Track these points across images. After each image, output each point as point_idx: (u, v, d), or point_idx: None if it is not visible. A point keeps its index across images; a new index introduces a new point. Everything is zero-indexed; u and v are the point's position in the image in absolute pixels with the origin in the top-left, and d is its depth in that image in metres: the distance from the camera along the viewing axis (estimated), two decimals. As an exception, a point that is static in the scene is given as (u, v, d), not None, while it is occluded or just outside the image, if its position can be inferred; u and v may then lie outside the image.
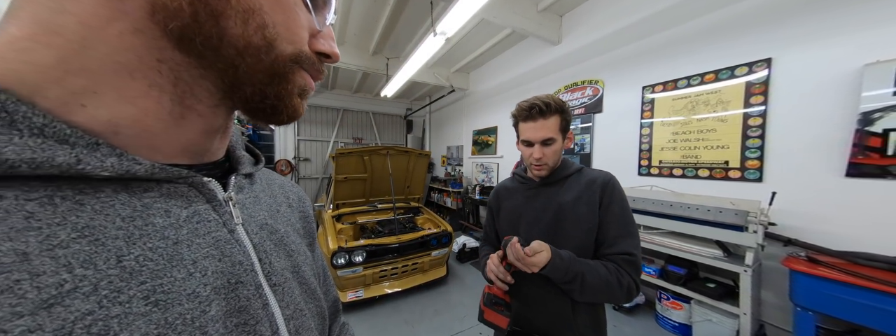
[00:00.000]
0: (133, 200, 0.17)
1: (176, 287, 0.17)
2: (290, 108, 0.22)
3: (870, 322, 1.02)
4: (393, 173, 2.61)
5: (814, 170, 1.38)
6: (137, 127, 0.17)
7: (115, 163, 0.16)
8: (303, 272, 0.28)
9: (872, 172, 1.22)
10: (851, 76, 1.26)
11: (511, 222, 0.75)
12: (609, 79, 2.35)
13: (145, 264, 0.16)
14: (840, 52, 1.30)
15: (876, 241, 1.20)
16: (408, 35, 2.95)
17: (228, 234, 0.22)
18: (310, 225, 0.36)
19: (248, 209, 0.25)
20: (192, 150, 0.21)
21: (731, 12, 1.63)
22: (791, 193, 1.41)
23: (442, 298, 2.15)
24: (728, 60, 1.65)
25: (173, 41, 0.17)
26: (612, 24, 1.96)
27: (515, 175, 0.81)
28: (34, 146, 0.13)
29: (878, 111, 1.20)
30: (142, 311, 0.15)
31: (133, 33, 0.16)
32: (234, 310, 0.20)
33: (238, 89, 0.19)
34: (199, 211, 0.20)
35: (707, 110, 1.75)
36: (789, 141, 1.46)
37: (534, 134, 0.65)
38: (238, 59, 0.18)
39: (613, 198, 0.65)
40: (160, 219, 0.18)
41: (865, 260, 1.12)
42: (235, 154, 0.27)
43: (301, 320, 0.25)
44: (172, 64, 0.17)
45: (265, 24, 0.18)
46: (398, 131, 5.96)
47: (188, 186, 0.20)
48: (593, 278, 0.58)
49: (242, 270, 0.21)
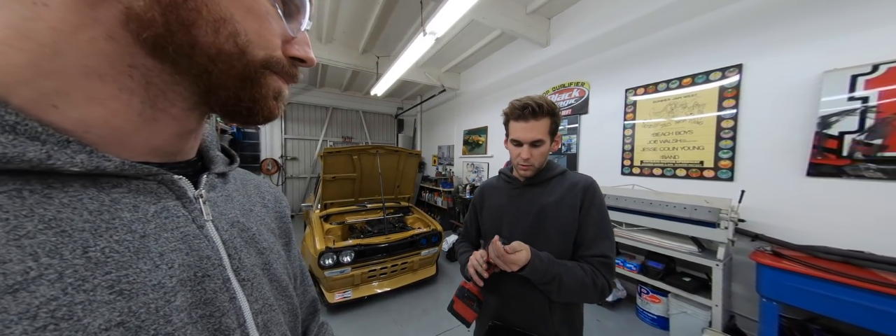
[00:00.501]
0: (101, 195, 0.18)
1: (141, 278, 0.18)
2: (266, 110, 0.23)
3: (825, 310, 1.11)
4: (383, 173, 2.60)
5: (779, 169, 1.47)
6: (107, 127, 0.18)
7: (85, 159, 0.16)
8: (274, 270, 0.29)
9: (830, 172, 1.32)
10: (812, 82, 1.36)
11: (494, 220, 0.76)
12: (594, 81, 2.43)
13: (111, 255, 0.17)
14: (803, 60, 1.40)
15: (833, 235, 1.30)
16: (398, 34, 2.94)
17: (197, 230, 0.22)
18: (286, 225, 0.37)
19: (219, 207, 0.26)
20: (164, 150, 0.22)
21: (707, 19, 1.72)
22: (759, 192, 1.50)
23: (431, 297, 2.16)
24: (703, 65, 1.74)
25: (146, 49, 0.17)
26: (598, 27, 2.03)
27: (501, 174, 0.83)
28: (6, 142, 0.14)
29: (834, 115, 1.29)
30: (106, 299, 0.16)
31: (105, 40, 0.16)
32: (200, 301, 0.20)
33: (213, 94, 0.20)
34: (168, 207, 0.21)
35: (684, 113, 1.83)
36: (758, 142, 1.55)
37: (524, 134, 0.66)
38: (211, 66, 0.19)
39: (593, 202, 0.67)
40: (128, 213, 0.19)
41: (823, 253, 1.22)
42: (209, 154, 0.28)
43: (270, 315, 0.26)
44: (144, 69, 0.18)
45: (237, 32, 0.19)
46: (389, 130, 5.92)
47: (158, 183, 0.21)
48: (570, 280, 0.60)
49: (210, 264, 0.22)
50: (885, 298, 0.99)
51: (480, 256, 0.65)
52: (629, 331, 1.72)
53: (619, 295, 1.96)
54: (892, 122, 1.17)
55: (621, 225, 1.85)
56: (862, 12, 1.24)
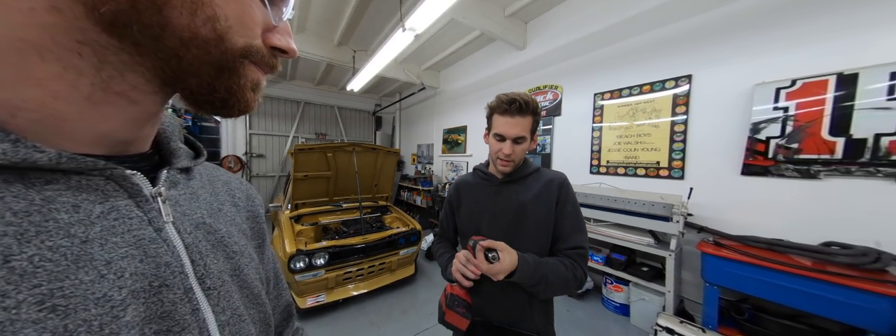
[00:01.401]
0: (30, 193, 0.15)
1: (81, 290, 0.15)
2: (242, 103, 0.21)
3: (755, 291, 1.28)
4: (360, 171, 2.51)
5: (720, 169, 1.67)
6: (42, 111, 0.15)
7: (8, 149, 0.14)
8: (245, 275, 0.26)
9: (758, 171, 1.53)
10: (746, 93, 1.55)
11: (472, 218, 0.77)
12: (567, 85, 2.56)
13: (41, 265, 0.14)
14: (739, 73, 1.59)
15: (761, 226, 1.51)
16: (376, 27, 2.85)
17: (154, 233, 0.20)
18: (259, 225, 0.34)
19: (181, 206, 0.23)
20: (113, 138, 0.19)
21: (664, 32, 1.89)
22: (704, 189, 1.69)
23: (410, 297, 2.14)
24: (660, 74, 1.91)
25: (102, 25, 0.15)
26: (569, 34, 2.14)
27: (477, 171, 0.83)
28: None
29: (762, 122, 1.49)
30: (34, 317, 0.13)
31: (47, 11, 0.14)
32: (156, 315, 0.18)
33: (182, 80, 0.18)
34: (118, 207, 0.19)
35: (644, 117, 2.00)
36: (703, 145, 1.75)
37: (509, 129, 0.66)
38: (182, 50, 0.17)
39: (568, 197, 0.70)
40: (65, 214, 0.16)
41: (753, 242, 1.40)
42: (169, 146, 0.25)
43: (239, 326, 0.24)
44: (97, 47, 0.15)
45: (216, 17, 0.17)
46: (366, 128, 5.74)
47: (105, 179, 0.18)
48: (556, 279, 0.62)
49: (169, 272, 0.20)
50: (798, 278, 1.17)
51: (465, 257, 0.64)
52: (595, 318, 1.85)
53: (588, 286, 2.10)
54: (806, 129, 1.38)
55: (590, 220, 1.98)
56: (785, 34, 1.45)
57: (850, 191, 1.29)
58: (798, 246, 1.30)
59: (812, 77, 1.35)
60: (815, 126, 1.35)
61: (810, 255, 1.25)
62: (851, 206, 1.29)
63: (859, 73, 1.24)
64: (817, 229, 1.35)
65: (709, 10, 1.67)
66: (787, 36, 1.44)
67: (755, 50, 1.54)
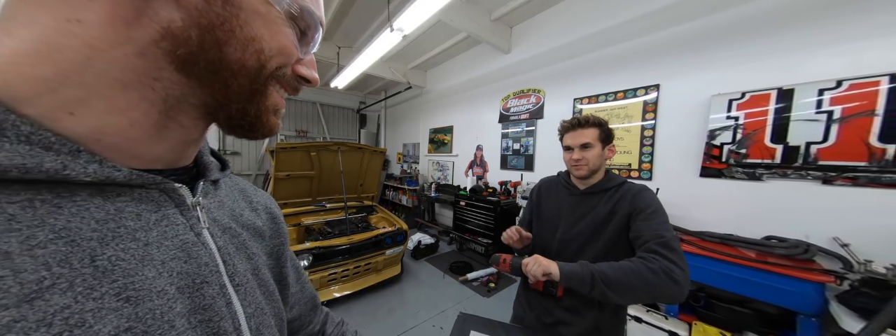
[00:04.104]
0: (107, 204, 0.18)
1: (146, 285, 0.18)
2: (266, 127, 0.24)
3: (709, 281, 1.43)
4: (344, 170, 2.47)
5: (682, 171, 1.84)
6: (121, 135, 0.18)
7: (97, 169, 0.17)
8: (262, 274, 0.29)
9: (714, 174, 1.70)
10: (704, 102, 1.72)
11: (551, 221, 0.81)
12: (549, 89, 2.67)
13: (118, 264, 0.17)
14: (699, 84, 1.76)
15: (716, 222, 1.68)
16: (362, 25, 2.81)
17: (195, 237, 0.23)
18: (279, 227, 0.37)
19: (212, 213, 0.26)
20: (168, 157, 0.23)
21: (636, 44, 2.03)
22: (669, 189, 1.85)
23: (396, 296, 2.14)
24: (633, 82, 2.06)
25: (176, 64, 0.18)
26: (552, 41, 2.24)
27: (561, 176, 0.88)
28: (24, 153, 0.14)
29: (718, 129, 1.67)
30: (114, 306, 0.16)
31: (136, 55, 0.17)
32: (199, 307, 0.21)
33: (225, 107, 0.21)
34: (168, 215, 0.22)
35: (618, 122, 2.15)
36: (668, 149, 1.91)
37: (572, 141, 0.74)
38: (231, 80, 0.20)
39: (645, 204, 0.67)
40: (131, 222, 0.19)
41: (708, 237, 1.56)
42: (203, 160, 0.28)
43: (261, 318, 0.27)
44: (167, 82, 0.19)
45: (262, 50, 0.20)
46: (350, 125, 5.60)
47: (159, 192, 0.21)
48: (616, 273, 0.55)
49: (208, 271, 0.22)
50: (744, 269, 1.33)
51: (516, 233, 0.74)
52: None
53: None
54: (753, 137, 1.56)
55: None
56: (736, 51, 1.62)
57: (786, 191, 1.48)
58: (744, 240, 1.47)
59: (758, 90, 1.53)
60: (760, 134, 1.53)
61: (754, 248, 1.42)
62: (787, 204, 1.48)
63: (795, 89, 1.43)
64: (761, 225, 1.53)
65: (674, 26, 1.83)
66: (738, 53, 1.62)
67: (712, 64, 1.71)
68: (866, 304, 1.05)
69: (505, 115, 3.06)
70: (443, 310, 1.95)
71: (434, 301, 2.07)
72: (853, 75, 1.29)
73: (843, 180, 1.32)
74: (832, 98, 1.33)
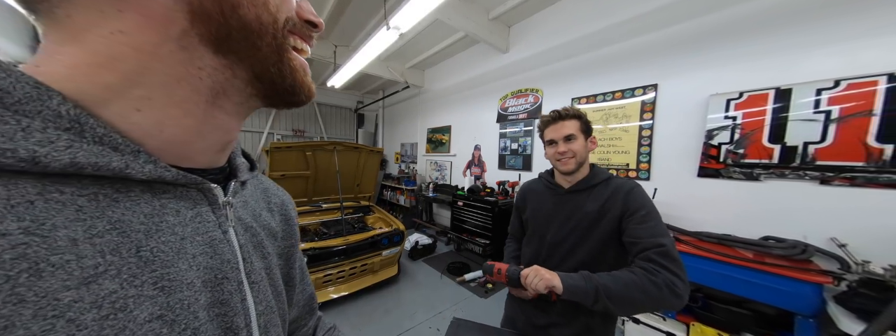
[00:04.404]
0: (154, 200, 0.20)
1: (180, 276, 0.19)
2: (306, 86, 0.25)
3: (707, 281, 1.43)
4: (341, 170, 2.45)
5: (680, 171, 1.83)
6: (178, 126, 0.20)
7: (151, 169, 0.19)
8: (273, 274, 0.31)
9: (712, 174, 1.70)
10: (702, 102, 1.72)
11: (540, 224, 0.78)
12: (547, 89, 2.66)
13: (158, 255, 0.19)
14: (697, 84, 1.75)
15: (714, 222, 1.67)
16: (358, 23, 2.78)
17: (222, 235, 0.24)
18: (291, 228, 0.38)
19: (238, 212, 0.28)
20: (208, 156, 0.24)
21: (634, 43, 2.03)
22: (667, 189, 1.85)
23: (393, 297, 2.12)
24: (631, 82, 2.05)
25: (212, 47, 0.20)
26: (549, 40, 2.23)
27: (542, 178, 0.84)
28: (97, 152, 0.16)
29: (715, 129, 1.66)
30: (151, 294, 0.18)
31: (180, 50, 0.19)
32: (217, 301, 0.22)
33: (265, 74, 0.22)
34: (202, 212, 0.23)
35: (616, 122, 2.14)
36: (666, 148, 1.90)
37: (556, 133, 0.72)
38: (259, 41, 0.21)
39: (639, 204, 0.64)
40: (172, 217, 0.21)
41: (706, 237, 1.56)
42: (235, 161, 0.30)
43: (270, 316, 0.28)
44: (210, 69, 0.21)
45: (267, 1, 0.21)
46: (347, 125, 5.57)
47: (197, 190, 0.23)
48: (619, 286, 0.54)
49: (229, 268, 0.24)
50: (742, 269, 1.32)
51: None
52: (570, 312, 1.95)
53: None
54: (751, 137, 1.55)
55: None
56: (735, 51, 1.62)
57: (783, 191, 1.47)
58: (742, 240, 1.47)
59: (755, 90, 1.52)
60: (758, 134, 1.52)
61: (752, 248, 1.41)
62: (785, 204, 1.47)
63: (793, 89, 1.42)
64: (758, 225, 1.53)
65: (671, 26, 1.82)
66: (736, 53, 1.61)
67: (710, 64, 1.71)
68: (864, 305, 1.04)
69: (503, 114, 3.05)
70: (440, 311, 1.93)
71: (431, 302, 2.05)
72: (851, 75, 1.28)
73: (841, 180, 1.32)
74: (830, 98, 1.32)
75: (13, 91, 0.14)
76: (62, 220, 0.15)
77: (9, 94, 0.14)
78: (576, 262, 0.69)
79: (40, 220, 0.14)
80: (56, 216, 0.15)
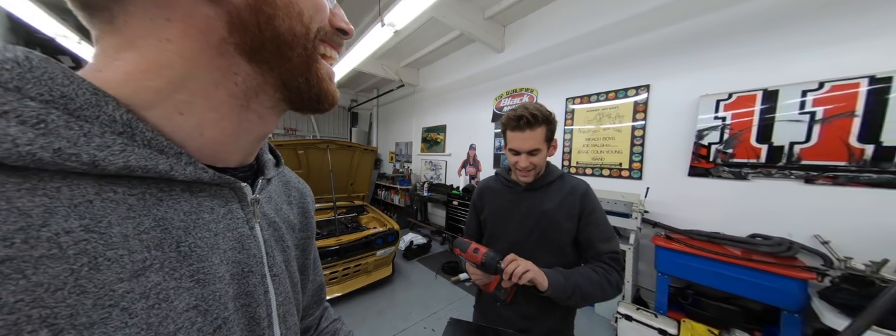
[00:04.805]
0: (192, 199, 0.21)
1: (213, 270, 0.21)
2: (330, 95, 0.25)
3: (697, 278, 1.45)
4: (334, 170, 2.41)
5: (671, 170, 1.86)
6: (216, 129, 0.21)
7: (192, 171, 0.20)
8: (291, 266, 0.32)
9: (702, 173, 1.73)
10: (693, 103, 1.75)
11: (498, 223, 0.77)
12: (541, 88, 2.67)
13: (195, 250, 0.20)
14: (688, 85, 1.78)
15: (703, 220, 1.71)
16: (352, 19, 2.74)
17: (249, 231, 0.25)
18: (308, 220, 0.39)
19: (263, 207, 0.29)
20: (242, 155, 0.25)
21: (627, 44, 2.05)
22: (658, 188, 1.88)
23: (386, 298, 2.10)
24: (624, 83, 2.08)
25: (246, 56, 0.21)
26: (544, 41, 2.23)
27: (499, 176, 0.82)
28: (146, 155, 0.17)
29: (705, 130, 1.69)
30: (188, 285, 0.19)
31: (219, 56, 0.20)
32: (243, 293, 0.24)
33: (293, 83, 0.23)
34: (232, 209, 0.24)
35: (609, 122, 2.16)
36: (658, 148, 1.93)
37: (521, 144, 0.67)
38: (290, 52, 0.22)
39: (593, 206, 0.71)
40: (207, 214, 0.22)
41: (696, 235, 1.59)
42: (263, 158, 0.30)
43: (288, 307, 0.29)
44: (245, 75, 0.21)
45: (301, 12, 0.21)
46: (341, 124, 5.50)
47: (230, 189, 0.25)
48: (589, 286, 0.63)
49: (255, 262, 0.25)
50: (730, 266, 1.35)
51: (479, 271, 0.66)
52: (564, 310, 1.96)
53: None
54: (739, 137, 1.59)
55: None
56: (724, 53, 1.65)
57: (770, 190, 1.51)
58: (730, 238, 1.50)
59: (744, 91, 1.56)
60: (746, 134, 1.56)
61: (740, 246, 1.44)
62: (771, 202, 1.51)
63: (779, 90, 1.46)
64: (746, 223, 1.56)
65: (663, 28, 1.85)
66: (726, 54, 1.64)
67: (701, 65, 1.74)
68: (847, 300, 1.07)
69: (498, 114, 3.05)
70: (434, 311, 1.92)
71: (426, 302, 2.03)
72: (834, 77, 1.32)
73: (824, 179, 1.36)
74: (815, 99, 1.36)
75: (76, 97, 0.15)
76: (116, 218, 0.16)
77: (72, 100, 0.15)
78: (542, 263, 0.69)
79: (98, 218, 0.16)
80: (111, 214, 0.16)
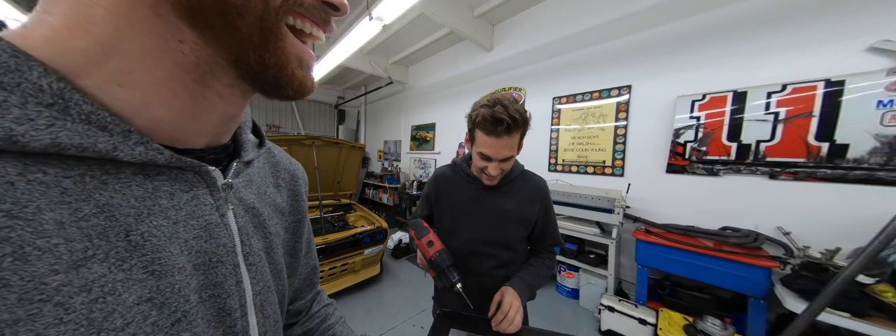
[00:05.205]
0: (146, 183, 0.19)
1: (170, 260, 0.19)
2: (295, 80, 0.21)
3: (674, 269, 1.53)
4: (320, 167, 2.35)
5: (651, 168, 1.94)
6: (166, 107, 0.19)
7: (142, 151, 0.18)
8: (274, 253, 0.30)
9: (678, 170, 1.82)
10: (671, 103, 1.83)
11: (454, 218, 0.75)
12: (529, 88, 2.72)
13: (149, 239, 0.18)
14: (666, 86, 1.87)
15: (680, 215, 1.80)
16: (339, 15, 2.67)
17: (219, 219, 0.23)
18: (299, 203, 0.36)
19: (239, 193, 0.27)
20: (210, 134, 0.23)
21: (609, 46, 2.12)
22: (639, 184, 1.96)
23: (374, 297, 2.07)
24: (607, 83, 2.15)
25: (187, 19, 0.17)
26: (532, 41, 2.27)
27: (458, 168, 0.77)
28: (82, 132, 0.15)
29: (682, 128, 1.78)
30: (140, 277, 0.17)
31: (155, 17, 0.17)
32: (210, 284, 0.22)
33: (244, 58, 0.19)
34: (198, 195, 0.22)
35: (593, 121, 2.23)
36: (639, 147, 2.01)
37: (497, 152, 0.60)
38: (238, 20, 0.18)
39: (550, 205, 0.77)
40: (165, 200, 0.20)
41: (673, 228, 1.67)
42: (241, 138, 0.28)
43: (267, 295, 0.28)
44: (192, 44, 0.18)
45: None
46: (327, 121, 5.36)
47: (194, 173, 0.22)
48: (542, 281, 0.72)
49: (224, 251, 0.23)
50: (703, 257, 1.43)
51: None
52: (551, 302, 2.01)
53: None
54: (712, 135, 1.68)
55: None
56: (698, 55, 1.74)
57: (739, 185, 1.61)
58: (704, 231, 1.59)
59: (716, 92, 1.65)
60: (718, 133, 1.65)
61: (712, 238, 1.53)
62: (740, 197, 1.61)
63: (748, 91, 1.55)
64: (718, 216, 1.66)
65: (645, 30, 1.93)
66: (700, 57, 1.74)
67: (678, 67, 1.83)
68: (805, 286, 1.16)
69: (487, 112, 3.07)
70: (423, 308, 1.92)
71: (414, 300, 2.02)
72: (795, 80, 1.42)
73: (786, 175, 1.46)
74: (778, 100, 1.46)
75: None
76: (46, 203, 0.14)
77: None
78: (497, 262, 0.70)
79: (23, 202, 0.14)
80: (40, 199, 0.14)
